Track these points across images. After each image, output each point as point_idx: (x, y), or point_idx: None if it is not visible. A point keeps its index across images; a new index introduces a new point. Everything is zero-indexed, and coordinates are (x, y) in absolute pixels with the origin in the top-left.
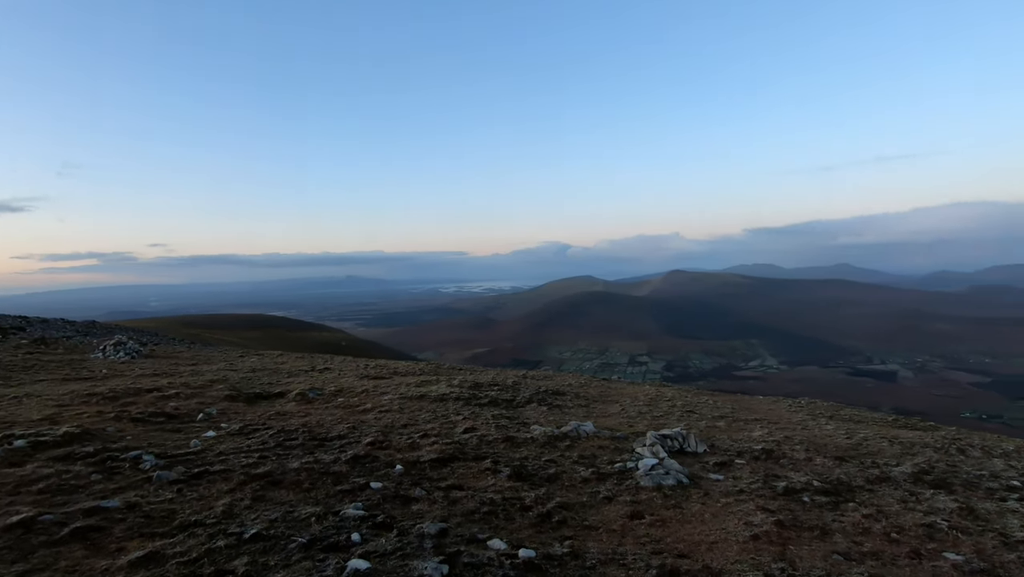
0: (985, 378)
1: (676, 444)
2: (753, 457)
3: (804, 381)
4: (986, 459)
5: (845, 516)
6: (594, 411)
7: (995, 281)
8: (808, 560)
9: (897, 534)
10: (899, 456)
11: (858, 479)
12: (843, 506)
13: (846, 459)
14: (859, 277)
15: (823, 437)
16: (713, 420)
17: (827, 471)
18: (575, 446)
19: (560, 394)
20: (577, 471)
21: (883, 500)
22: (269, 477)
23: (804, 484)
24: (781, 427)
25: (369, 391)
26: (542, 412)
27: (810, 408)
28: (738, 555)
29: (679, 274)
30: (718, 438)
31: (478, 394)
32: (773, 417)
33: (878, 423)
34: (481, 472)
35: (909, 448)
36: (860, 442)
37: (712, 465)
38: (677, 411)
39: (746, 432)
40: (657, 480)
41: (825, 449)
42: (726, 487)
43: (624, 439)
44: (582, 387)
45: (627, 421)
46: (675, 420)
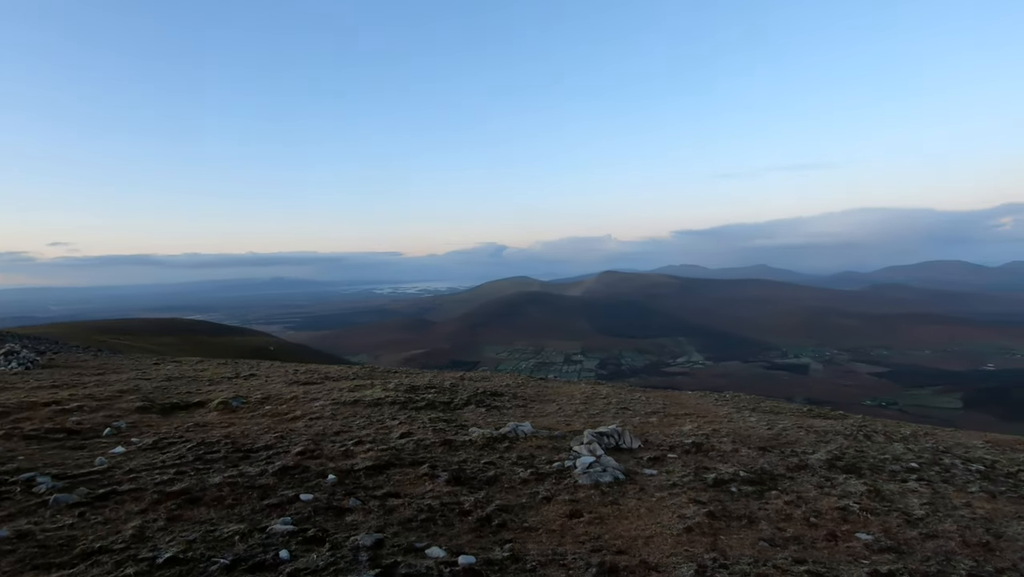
0: (883, 368)
1: (612, 441)
2: (684, 451)
3: (727, 376)
4: (888, 444)
5: (769, 504)
6: (532, 411)
7: (891, 280)
8: (737, 549)
9: (815, 518)
10: (814, 444)
11: (780, 468)
12: (767, 494)
13: (768, 449)
14: (774, 277)
15: (747, 429)
16: (646, 416)
17: (752, 461)
18: (514, 447)
19: (498, 395)
20: (516, 472)
21: (802, 487)
22: (187, 494)
23: (732, 475)
24: (709, 420)
25: (299, 398)
26: (480, 414)
27: (734, 401)
28: (673, 548)
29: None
30: (651, 433)
31: (415, 397)
32: (701, 411)
33: (795, 413)
34: (419, 478)
35: (823, 436)
36: (780, 432)
37: (646, 460)
38: (612, 408)
39: (677, 427)
40: (595, 477)
41: (749, 440)
42: (660, 481)
43: (562, 438)
44: (519, 387)
45: (564, 420)
46: (610, 417)
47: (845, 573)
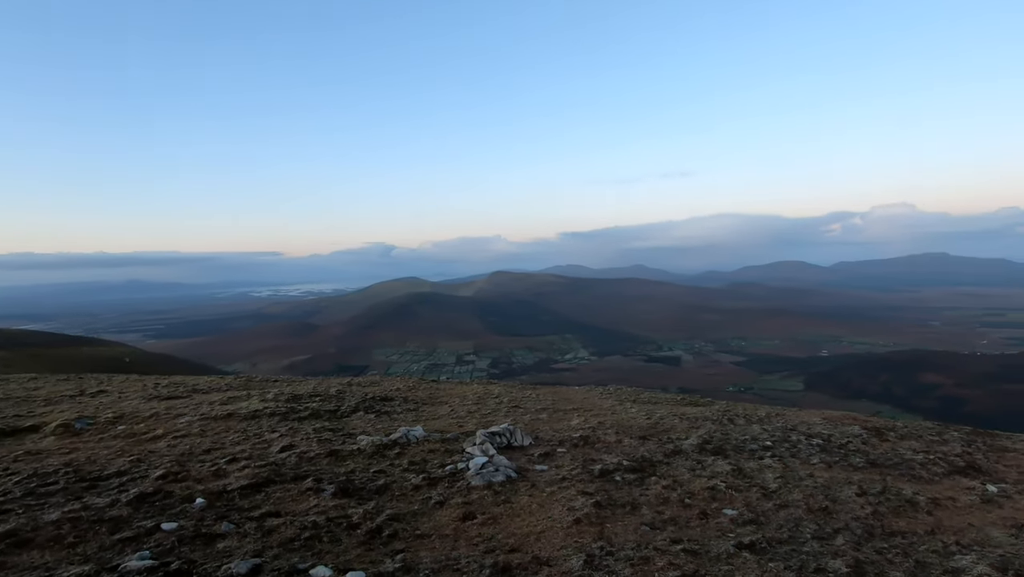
0: (742, 358)
1: (504, 440)
2: (573, 444)
3: (610, 370)
4: (748, 425)
5: (649, 489)
6: (423, 414)
7: (747, 279)
8: (622, 535)
9: (689, 499)
10: (687, 430)
11: (658, 454)
12: (647, 481)
13: (648, 438)
14: (650, 276)
15: (629, 420)
16: (537, 413)
17: (634, 450)
18: (405, 453)
19: (388, 400)
20: (408, 479)
21: (677, 471)
22: (13, 536)
23: (616, 465)
24: (595, 414)
25: (160, 414)
26: (369, 420)
27: (617, 394)
28: (563, 540)
29: (502, 275)
30: (542, 430)
31: (297, 407)
32: (588, 405)
33: (670, 403)
34: (302, 493)
35: (694, 422)
36: (658, 421)
37: (537, 456)
38: (504, 407)
39: (566, 421)
40: (487, 478)
41: (631, 430)
42: (551, 476)
43: (455, 440)
44: (410, 390)
45: (457, 422)
46: (502, 416)
47: (714, 547)
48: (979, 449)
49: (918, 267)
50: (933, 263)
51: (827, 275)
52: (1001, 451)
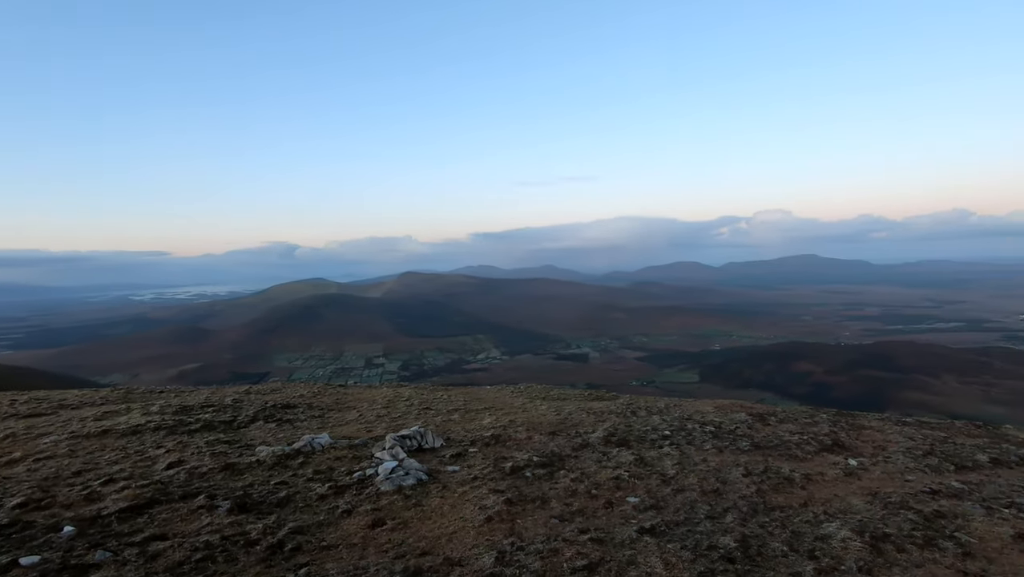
0: (644, 353)
1: (415, 443)
2: (484, 444)
3: (522, 368)
4: (649, 417)
5: (559, 483)
6: (330, 421)
7: (648, 279)
8: (533, 529)
9: (596, 490)
10: (594, 424)
11: (566, 449)
12: (557, 475)
13: (557, 433)
14: (559, 276)
15: (539, 417)
16: (448, 414)
17: (543, 446)
18: (310, 462)
19: (291, 407)
20: (313, 489)
21: (585, 464)
22: None
23: (526, 461)
24: (506, 412)
25: (18, 435)
26: (270, 430)
27: (527, 392)
28: (475, 539)
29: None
30: (453, 430)
31: (187, 419)
32: (499, 404)
33: (578, 398)
34: (193, 512)
35: (600, 416)
36: (566, 417)
37: (449, 457)
38: (415, 410)
39: (477, 421)
40: (398, 482)
41: (541, 427)
42: (462, 476)
43: (363, 446)
44: (315, 396)
45: (366, 427)
46: (413, 419)
47: (619, 534)
48: (843, 428)
49: (793, 267)
50: (805, 264)
51: (718, 275)
52: (860, 429)
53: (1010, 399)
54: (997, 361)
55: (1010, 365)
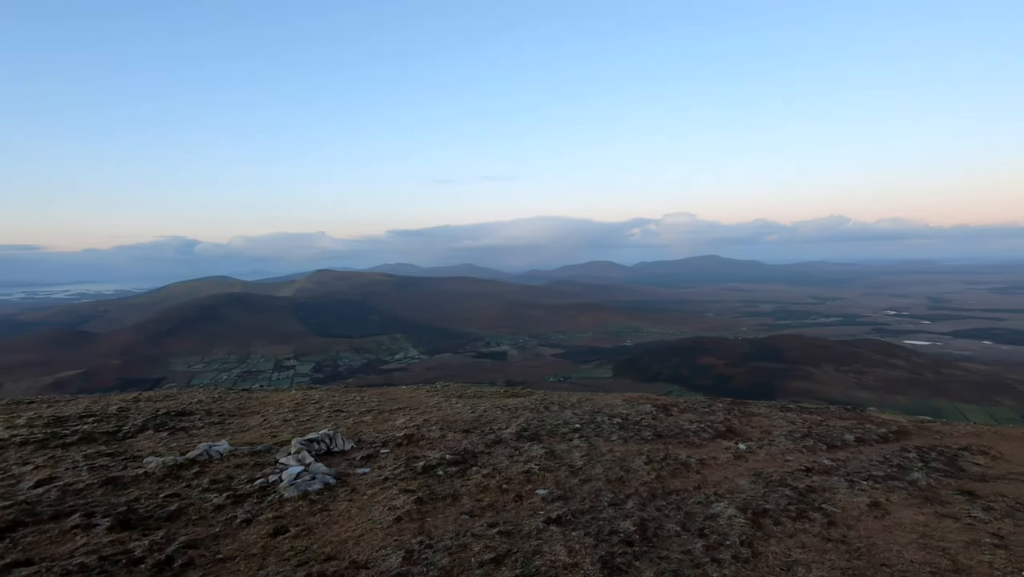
0: (561, 350)
1: (323, 446)
2: (397, 444)
3: (441, 367)
4: (561, 411)
5: (470, 480)
6: (231, 427)
7: (565, 277)
8: (442, 527)
9: (507, 485)
10: (508, 420)
11: (479, 445)
12: (469, 472)
13: (471, 431)
14: (479, 274)
15: (454, 415)
16: (361, 415)
17: (457, 444)
18: (206, 471)
19: (187, 414)
20: (208, 499)
21: (497, 459)
22: None
23: (439, 459)
24: (421, 412)
25: None
26: (161, 440)
27: (444, 391)
28: (383, 541)
29: (326, 273)
30: (365, 432)
31: (62, 431)
32: (414, 404)
33: (494, 395)
34: (65, 532)
35: (515, 412)
36: (482, 414)
37: (359, 460)
38: (325, 412)
39: (391, 422)
40: (303, 488)
41: (455, 425)
42: (372, 478)
43: (267, 452)
44: (215, 402)
45: (270, 432)
46: (323, 422)
47: (526, 525)
48: (736, 416)
49: (697, 267)
50: (708, 264)
51: (630, 273)
52: (750, 416)
53: (878, 385)
54: (867, 352)
55: (878, 355)
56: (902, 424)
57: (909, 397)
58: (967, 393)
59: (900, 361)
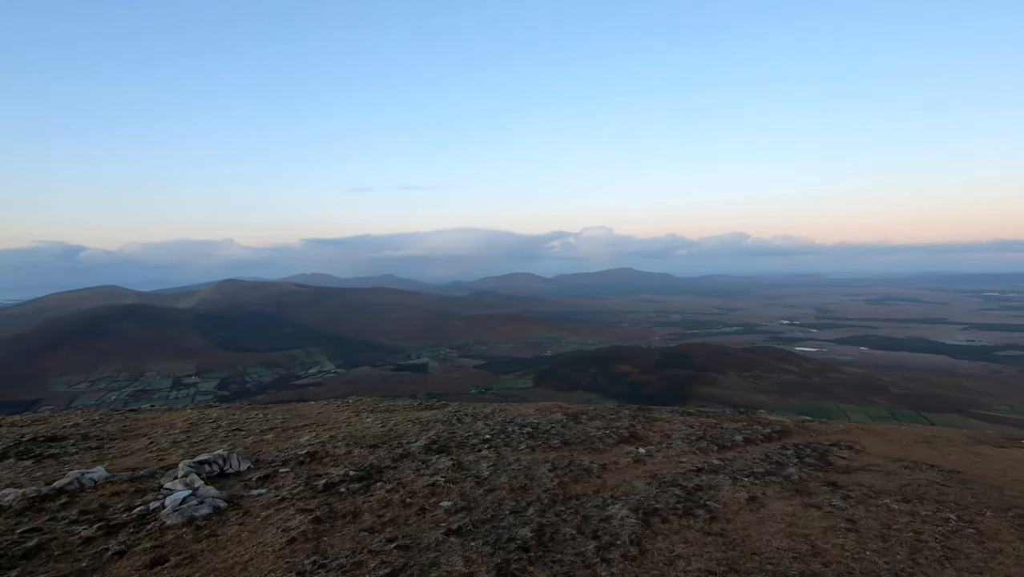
0: (482, 361)
1: (216, 468)
2: (298, 462)
3: (358, 381)
4: (474, 423)
5: (373, 495)
6: (110, 452)
7: (487, 288)
8: (339, 545)
9: (411, 498)
10: (419, 433)
11: (386, 460)
12: (373, 487)
13: (379, 445)
14: (400, 285)
15: (363, 430)
16: (261, 434)
17: (363, 459)
18: (76, 501)
19: (58, 440)
20: (75, 532)
21: (403, 473)
22: None
23: (342, 476)
24: (328, 428)
25: None
26: (24, 469)
27: (355, 405)
28: (273, 564)
29: (234, 283)
30: (264, 451)
31: None
32: (322, 420)
33: (408, 409)
34: None
35: (426, 425)
36: (392, 428)
37: (255, 480)
38: (222, 432)
39: (294, 439)
40: (188, 513)
41: (363, 440)
42: (268, 499)
43: (150, 477)
44: (94, 425)
45: (157, 455)
46: (218, 443)
47: (426, 538)
48: (640, 421)
49: (613, 279)
50: (623, 276)
51: (550, 285)
52: (653, 421)
53: (774, 388)
54: (765, 358)
55: (773, 361)
56: (785, 424)
57: (800, 399)
58: (848, 394)
59: (792, 366)
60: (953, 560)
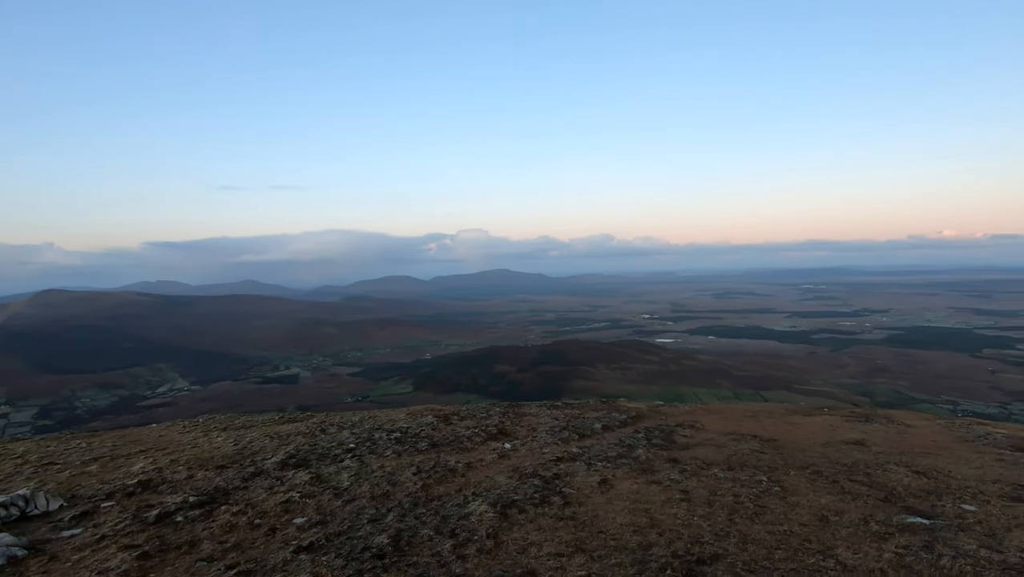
0: (358, 368)
1: (16, 510)
2: (127, 494)
3: (217, 398)
4: (339, 433)
5: (216, 520)
6: None
7: (361, 292)
8: None
9: (260, 519)
10: (276, 448)
11: (235, 481)
12: (216, 512)
13: (228, 466)
14: (264, 291)
15: (211, 450)
16: (83, 466)
17: (207, 483)
18: None
19: None
20: None
21: (253, 493)
22: None
23: (179, 504)
24: (169, 452)
25: None
26: None
27: (205, 425)
28: None
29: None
30: (85, 485)
31: None
32: (163, 443)
33: (267, 423)
34: None
35: (285, 439)
36: (246, 446)
37: (68, 520)
38: (29, 468)
39: (125, 468)
40: None
41: (210, 462)
42: (83, 540)
43: None
44: None
45: None
46: (23, 480)
47: (272, 559)
48: (509, 418)
49: (490, 280)
50: (499, 277)
51: (427, 288)
52: (522, 416)
53: (638, 378)
54: (630, 351)
55: (637, 353)
56: (640, 410)
57: (660, 386)
58: (699, 379)
59: (653, 357)
60: (761, 516)
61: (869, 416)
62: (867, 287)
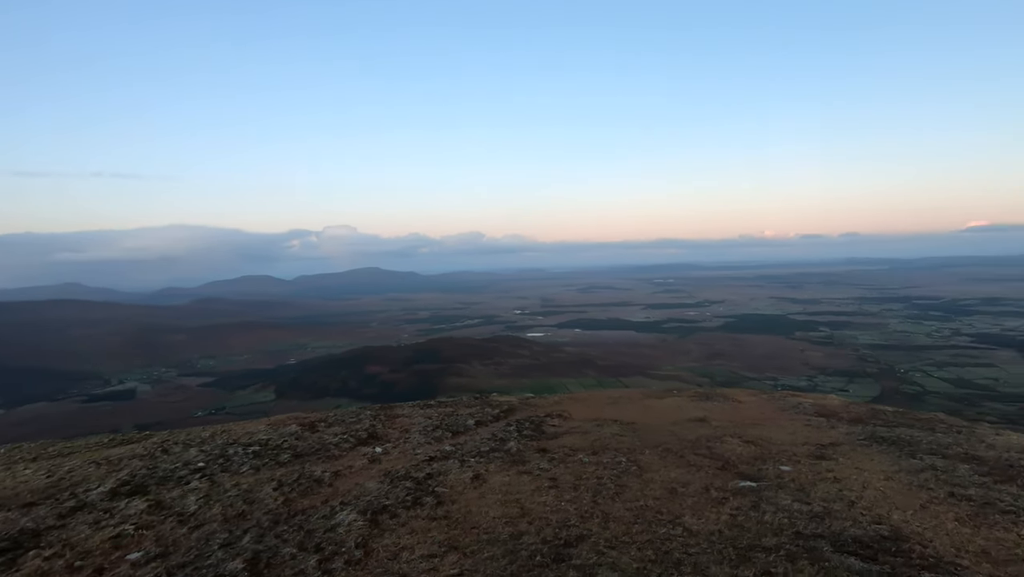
0: (211, 378)
1: None
2: None
3: (33, 422)
4: (184, 451)
5: (23, 568)
6: None
7: (213, 294)
8: None
9: (83, 560)
10: (104, 476)
11: (49, 519)
12: (23, 559)
13: (39, 502)
14: (91, 296)
15: (14, 487)
16: None
17: (9, 525)
18: None
19: None
20: None
21: (74, 531)
22: None
23: None
24: None
25: None
26: None
27: (7, 456)
28: None
29: None
30: None
31: None
32: None
33: (93, 448)
34: None
35: (116, 464)
36: (64, 476)
37: None
38: None
39: None
40: None
41: (12, 500)
42: None
43: None
44: None
45: None
46: None
47: None
48: (381, 421)
49: (359, 279)
50: (369, 275)
51: (290, 287)
52: (394, 418)
53: (511, 372)
54: (503, 346)
55: (510, 348)
56: (512, 403)
57: (532, 379)
58: (567, 370)
59: (525, 351)
60: (621, 494)
61: (709, 395)
62: (707, 281)
